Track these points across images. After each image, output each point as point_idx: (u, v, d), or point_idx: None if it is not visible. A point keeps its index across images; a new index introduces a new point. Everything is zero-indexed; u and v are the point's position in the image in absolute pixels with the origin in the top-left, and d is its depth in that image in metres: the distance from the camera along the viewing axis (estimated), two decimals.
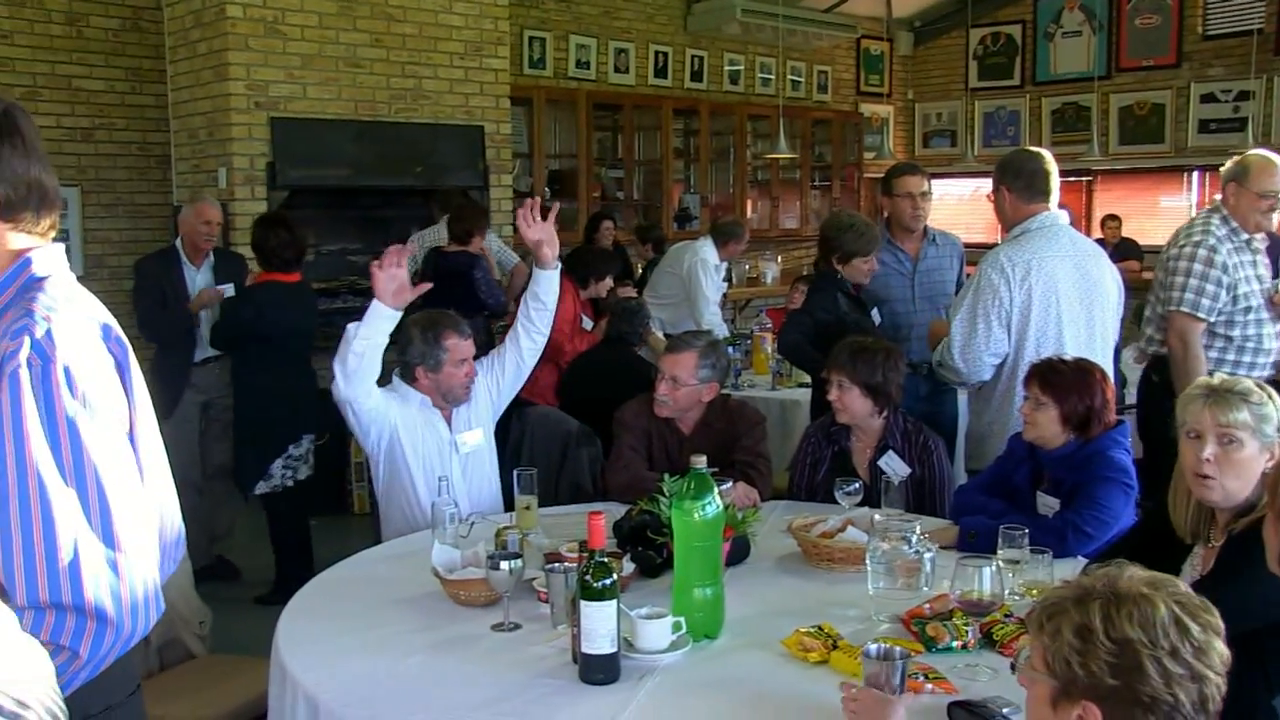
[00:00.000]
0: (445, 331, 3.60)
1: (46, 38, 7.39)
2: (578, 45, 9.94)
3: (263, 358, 5.16)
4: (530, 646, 2.49)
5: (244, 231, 6.54)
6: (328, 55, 7.07)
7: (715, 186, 11.18)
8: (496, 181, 7.96)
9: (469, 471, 3.68)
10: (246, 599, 5.22)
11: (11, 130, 1.67)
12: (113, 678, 1.72)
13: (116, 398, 1.67)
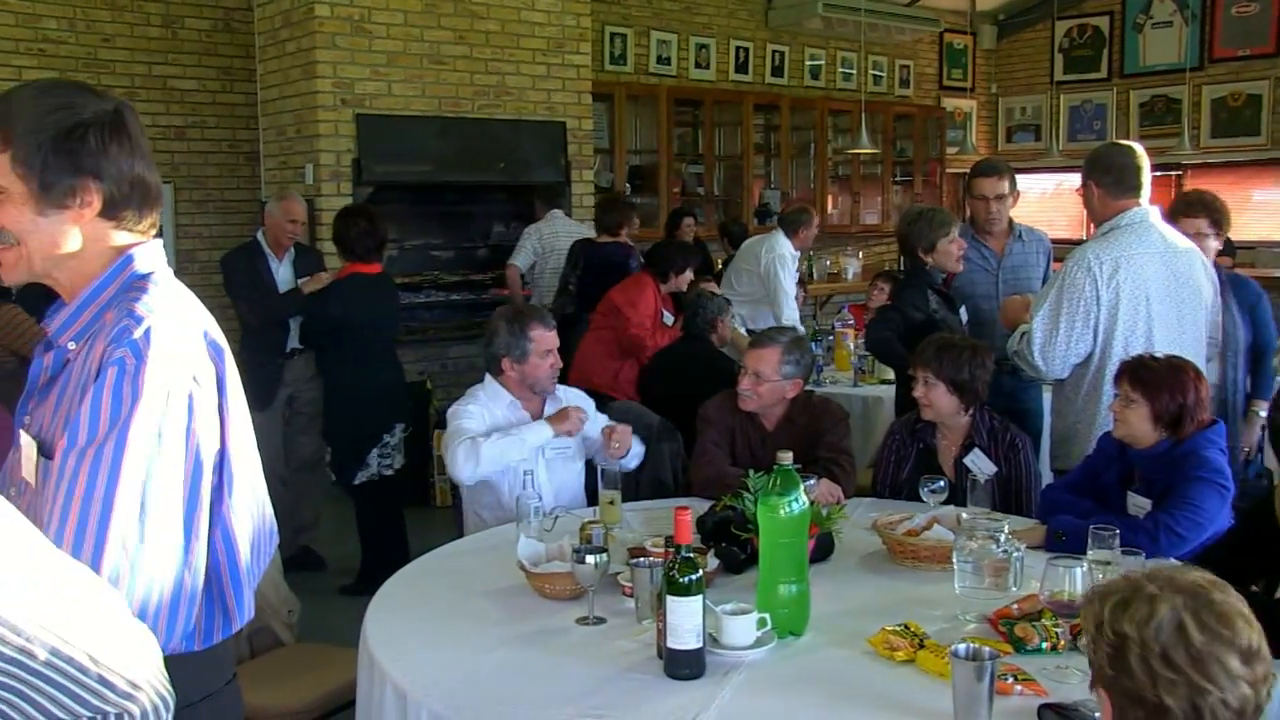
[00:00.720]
0: (531, 323, 3.66)
1: (145, 40, 7.59)
2: (659, 41, 9.94)
3: (351, 349, 5.24)
4: (615, 641, 2.50)
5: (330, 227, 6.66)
6: (412, 53, 7.16)
7: (796, 182, 11.12)
8: (578, 177, 7.99)
9: (555, 466, 3.71)
10: (331, 589, 5.31)
11: (119, 129, 1.71)
12: (211, 666, 1.76)
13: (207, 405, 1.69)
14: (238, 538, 1.74)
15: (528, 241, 7.20)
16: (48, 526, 1.54)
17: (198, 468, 1.66)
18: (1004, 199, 4.61)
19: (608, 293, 6.16)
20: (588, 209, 7.98)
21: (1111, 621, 1.53)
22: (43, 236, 1.68)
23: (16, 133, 1.64)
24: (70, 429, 1.58)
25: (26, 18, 7.21)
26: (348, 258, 5.31)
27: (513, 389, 3.73)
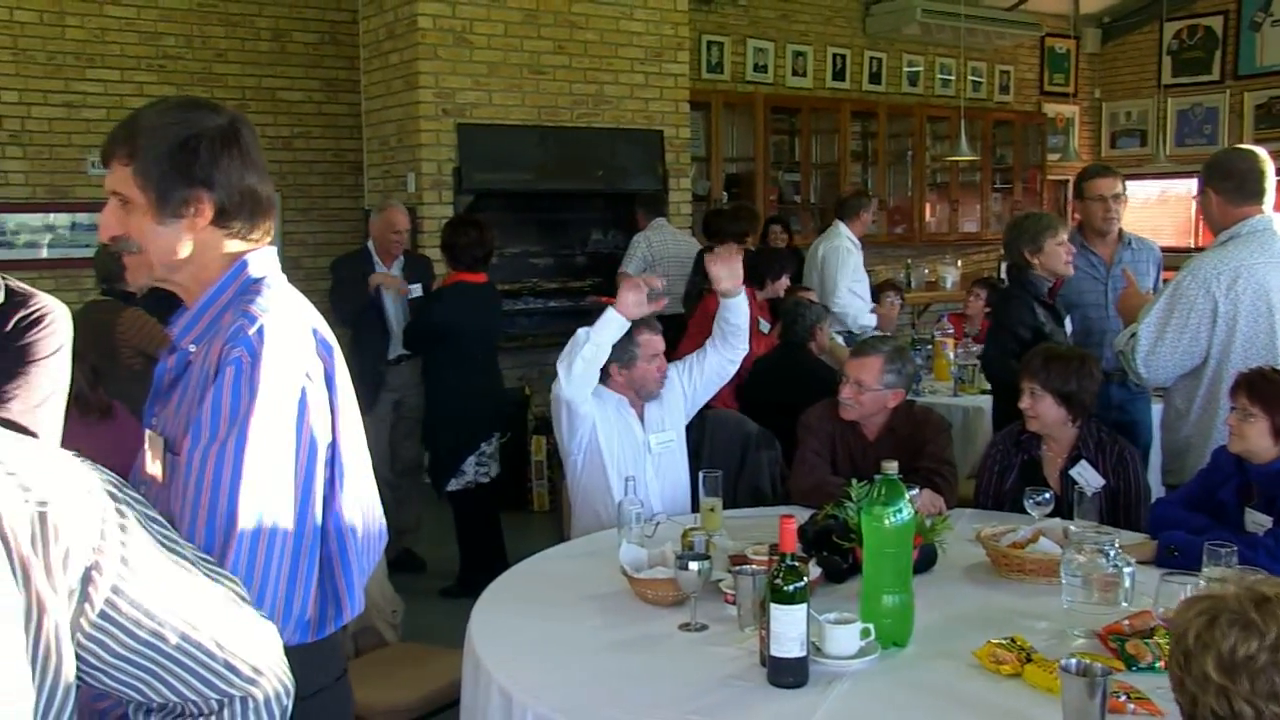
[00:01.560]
0: (639, 328, 3.68)
1: (255, 54, 7.82)
2: (755, 49, 9.94)
3: (453, 357, 5.33)
4: (717, 647, 2.51)
5: (432, 235, 6.78)
6: (512, 63, 7.26)
7: (893, 189, 11.02)
8: (675, 185, 8.02)
9: (661, 471, 3.74)
10: (431, 591, 5.39)
11: (231, 142, 1.78)
12: (323, 662, 1.82)
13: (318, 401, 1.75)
14: (349, 530, 1.80)
15: (637, 250, 7.22)
16: (179, 521, 1.61)
17: (311, 461, 1.72)
18: (1120, 199, 4.53)
19: (703, 300, 6.16)
20: (685, 217, 8.01)
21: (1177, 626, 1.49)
22: (161, 244, 1.76)
23: (139, 147, 1.73)
24: (194, 428, 1.65)
25: (148, 36, 7.47)
26: (454, 266, 5.40)
27: (620, 392, 3.76)
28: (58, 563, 1.09)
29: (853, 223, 7.17)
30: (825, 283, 6.96)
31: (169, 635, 1.18)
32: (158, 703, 1.23)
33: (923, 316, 10.43)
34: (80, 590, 1.12)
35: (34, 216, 7.22)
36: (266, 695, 1.27)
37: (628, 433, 3.72)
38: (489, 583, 3.03)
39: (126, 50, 7.45)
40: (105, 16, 7.39)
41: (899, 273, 10.77)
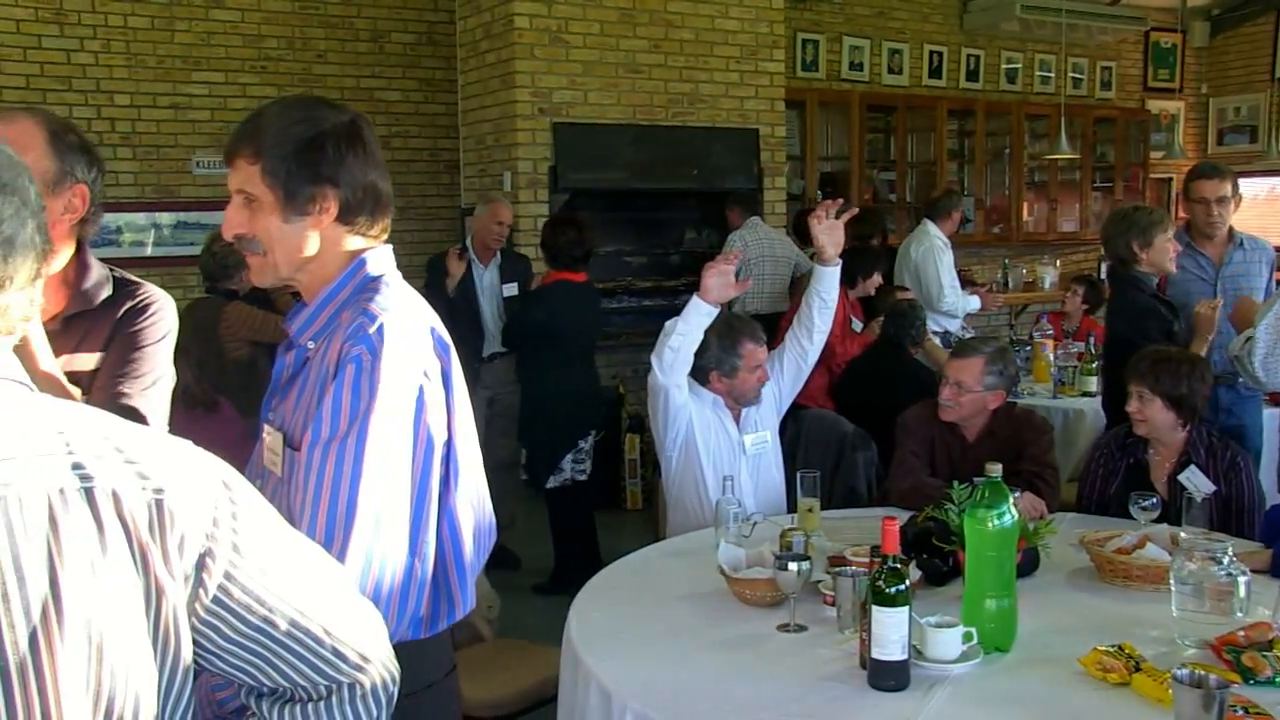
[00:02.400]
0: (742, 339, 3.66)
1: (354, 55, 7.96)
2: (851, 47, 9.85)
3: (551, 355, 5.36)
4: (816, 649, 2.49)
5: (527, 233, 6.85)
6: (608, 62, 7.28)
7: (990, 188, 10.83)
8: (770, 184, 7.98)
9: (756, 472, 3.73)
10: (525, 587, 5.44)
11: (355, 139, 1.81)
12: (433, 657, 1.84)
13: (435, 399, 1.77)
14: (462, 528, 1.82)
15: (732, 249, 7.17)
16: (299, 515, 1.64)
17: (427, 459, 1.74)
18: (1225, 202, 4.40)
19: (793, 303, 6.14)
20: (779, 216, 7.96)
21: None
22: (288, 242, 1.79)
23: (265, 145, 1.76)
24: (314, 424, 1.68)
25: (251, 38, 7.65)
26: (554, 265, 5.44)
27: (717, 392, 3.75)
28: (174, 549, 1.13)
29: (943, 222, 7.08)
30: (924, 284, 6.87)
31: (279, 621, 1.20)
32: (268, 687, 1.25)
33: (1020, 317, 10.24)
34: (195, 576, 1.15)
35: (141, 215, 7.43)
36: (374, 683, 1.29)
37: (723, 433, 3.71)
38: (583, 580, 3.04)
39: (231, 53, 7.63)
40: (211, 21, 7.57)
41: (995, 272, 10.59)
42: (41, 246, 1.18)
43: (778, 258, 7.20)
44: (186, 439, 1.23)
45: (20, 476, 1.06)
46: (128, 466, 1.12)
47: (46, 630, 1.04)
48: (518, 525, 6.11)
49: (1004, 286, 10.39)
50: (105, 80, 7.28)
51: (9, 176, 1.14)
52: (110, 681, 1.08)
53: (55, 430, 1.11)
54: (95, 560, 1.08)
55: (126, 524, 1.10)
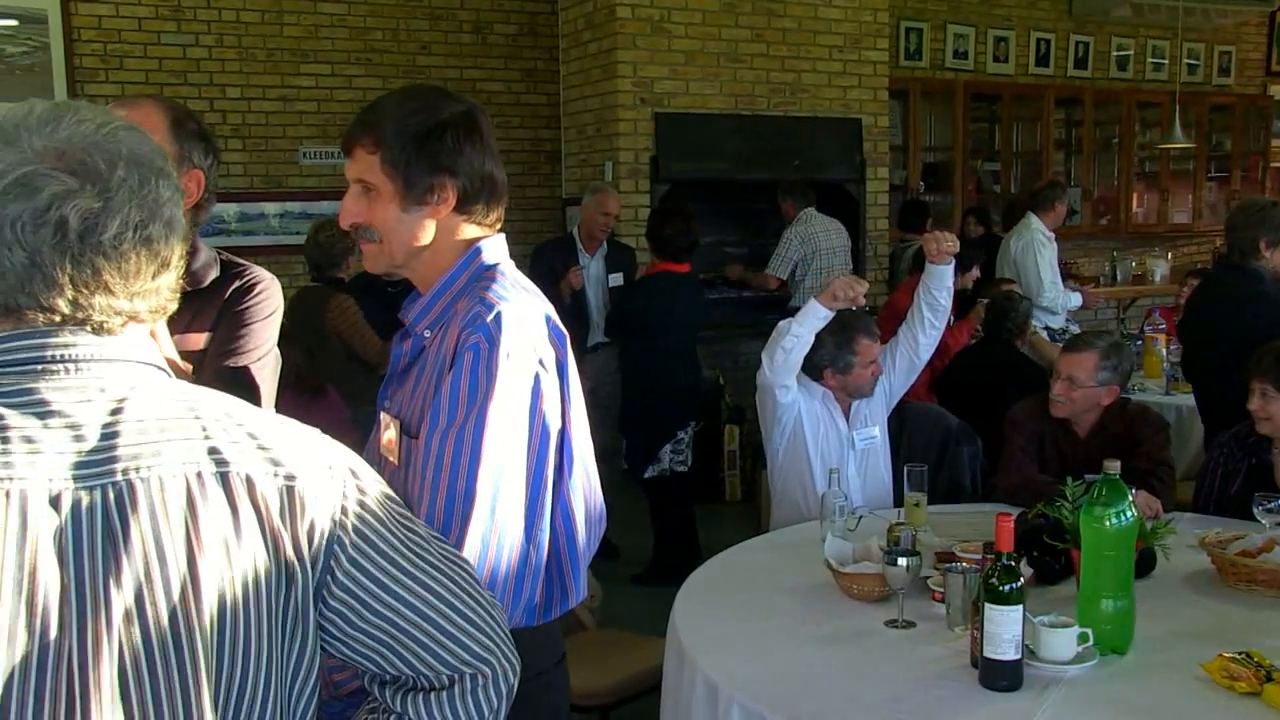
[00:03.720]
0: (858, 335, 3.64)
1: (457, 46, 8.03)
2: (955, 35, 9.66)
3: (654, 345, 5.36)
4: (925, 646, 2.45)
5: (628, 223, 6.85)
6: (710, 51, 7.25)
7: (1098, 179, 10.55)
8: (873, 175, 7.88)
9: (863, 467, 3.68)
10: (623, 577, 5.44)
11: (472, 128, 1.81)
12: (546, 645, 1.84)
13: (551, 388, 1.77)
14: (576, 516, 1.82)
15: (788, 248, 7.05)
16: (418, 502, 1.65)
17: (543, 447, 1.75)
18: None
19: (891, 297, 6.07)
20: (882, 207, 7.86)
21: None
22: (405, 231, 1.79)
23: (385, 135, 1.76)
24: (432, 411, 1.69)
25: (357, 31, 7.76)
26: (659, 255, 5.43)
27: (828, 387, 3.72)
28: (304, 535, 1.14)
29: (1045, 214, 6.91)
30: (1025, 279, 6.72)
31: (404, 610, 1.21)
32: (391, 674, 1.26)
33: (1129, 311, 9.98)
34: (323, 563, 1.16)
35: (249, 205, 7.58)
36: (495, 673, 1.29)
37: (832, 427, 3.68)
38: (681, 571, 3.03)
39: (337, 45, 7.75)
40: (319, 14, 7.70)
41: (1103, 265, 10.32)
42: (187, 229, 1.20)
43: (835, 249, 7.10)
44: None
45: (160, 460, 1.08)
46: (260, 452, 1.13)
47: (185, 612, 1.07)
48: (616, 515, 6.12)
49: (1112, 280, 10.12)
50: (218, 74, 7.45)
51: (162, 161, 1.17)
52: (243, 665, 1.10)
53: (192, 415, 1.13)
54: (230, 543, 1.09)
55: (259, 509, 1.11)
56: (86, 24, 7.05)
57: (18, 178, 1.07)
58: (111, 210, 1.10)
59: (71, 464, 1.06)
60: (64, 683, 1.02)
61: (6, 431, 1.05)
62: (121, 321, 1.14)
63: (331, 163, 7.75)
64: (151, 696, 1.06)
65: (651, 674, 3.20)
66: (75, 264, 1.09)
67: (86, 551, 1.04)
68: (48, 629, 1.02)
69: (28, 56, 6.92)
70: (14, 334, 1.11)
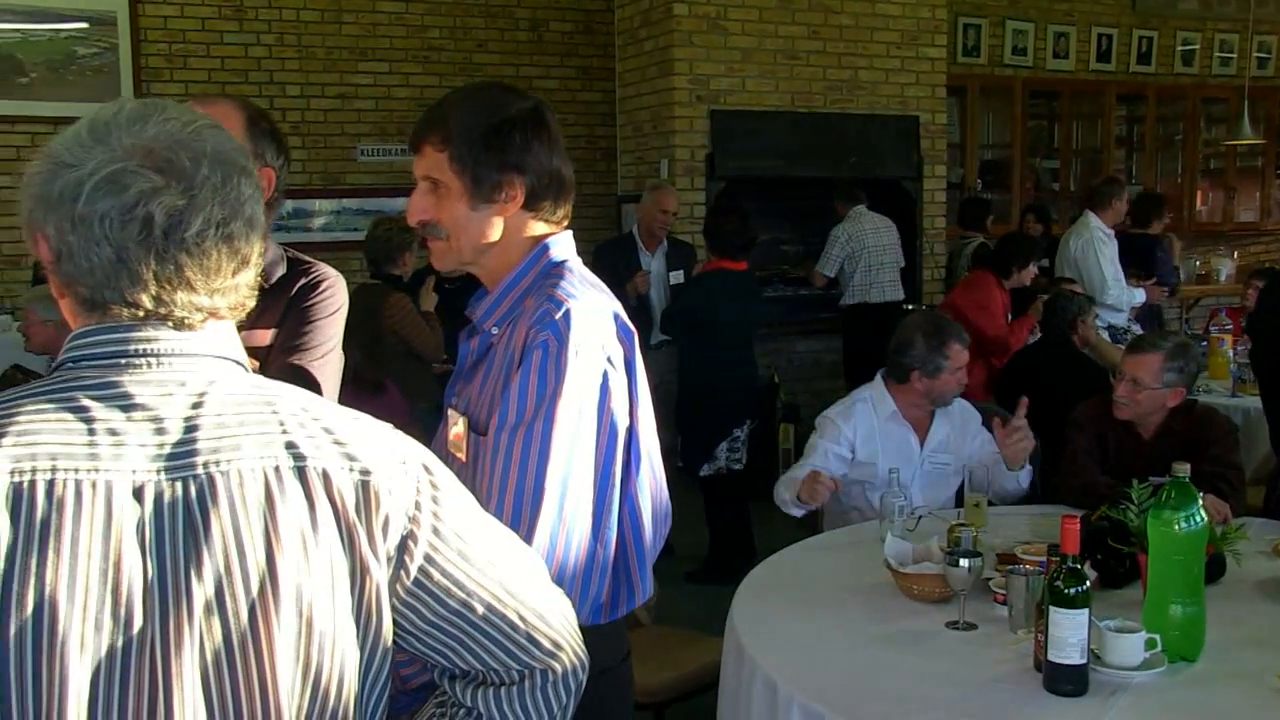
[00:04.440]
0: (950, 340, 3.57)
1: (513, 43, 8.07)
2: (1014, 31, 9.55)
3: (709, 342, 5.36)
4: (987, 649, 2.42)
5: (684, 221, 6.85)
6: (766, 49, 7.23)
7: (1160, 176, 10.39)
8: (930, 173, 7.82)
9: (930, 479, 3.61)
10: (677, 575, 5.43)
11: (540, 125, 1.81)
12: (612, 642, 1.84)
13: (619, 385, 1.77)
14: (643, 514, 1.82)
15: (835, 247, 7.06)
16: (486, 499, 1.65)
17: (611, 445, 1.75)
18: None
19: (949, 296, 6.03)
20: (939, 205, 7.80)
21: None
22: (473, 229, 1.79)
23: (453, 133, 1.76)
24: (501, 409, 1.69)
25: (415, 29, 7.83)
26: (716, 253, 5.43)
27: (905, 398, 3.64)
28: (379, 530, 1.15)
29: (1104, 212, 6.81)
30: (1086, 278, 6.63)
31: (476, 606, 1.21)
32: (462, 669, 1.26)
33: (1193, 310, 9.82)
34: (397, 558, 1.17)
35: (306, 202, 7.67)
36: (565, 670, 1.29)
37: (901, 444, 3.62)
38: (736, 569, 3.02)
39: (395, 43, 7.83)
40: (377, 12, 7.77)
41: None
42: (266, 228, 1.21)
43: (884, 246, 7.08)
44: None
45: (239, 454, 1.10)
46: (336, 447, 1.14)
47: (264, 604, 1.08)
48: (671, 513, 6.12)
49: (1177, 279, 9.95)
50: (278, 72, 7.54)
51: (244, 160, 1.18)
52: (318, 656, 1.11)
53: (270, 410, 1.14)
54: (307, 537, 1.11)
55: (335, 503, 1.12)
56: (153, 25, 7.17)
57: (107, 175, 1.09)
58: (195, 207, 1.12)
59: (154, 457, 1.07)
60: (147, 672, 1.04)
61: (93, 424, 1.07)
62: (202, 318, 1.15)
63: (389, 160, 7.83)
64: (230, 687, 1.07)
65: (707, 672, 3.20)
66: (159, 260, 1.11)
67: (169, 544, 1.06)
68: (132, 619, 1.04)
69: (97, 58, 7.05)
70: (99, 328, 1.13)
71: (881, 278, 7.05)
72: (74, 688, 1.02)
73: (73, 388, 1.09)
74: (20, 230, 1.17)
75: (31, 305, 4.60)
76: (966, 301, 5.88)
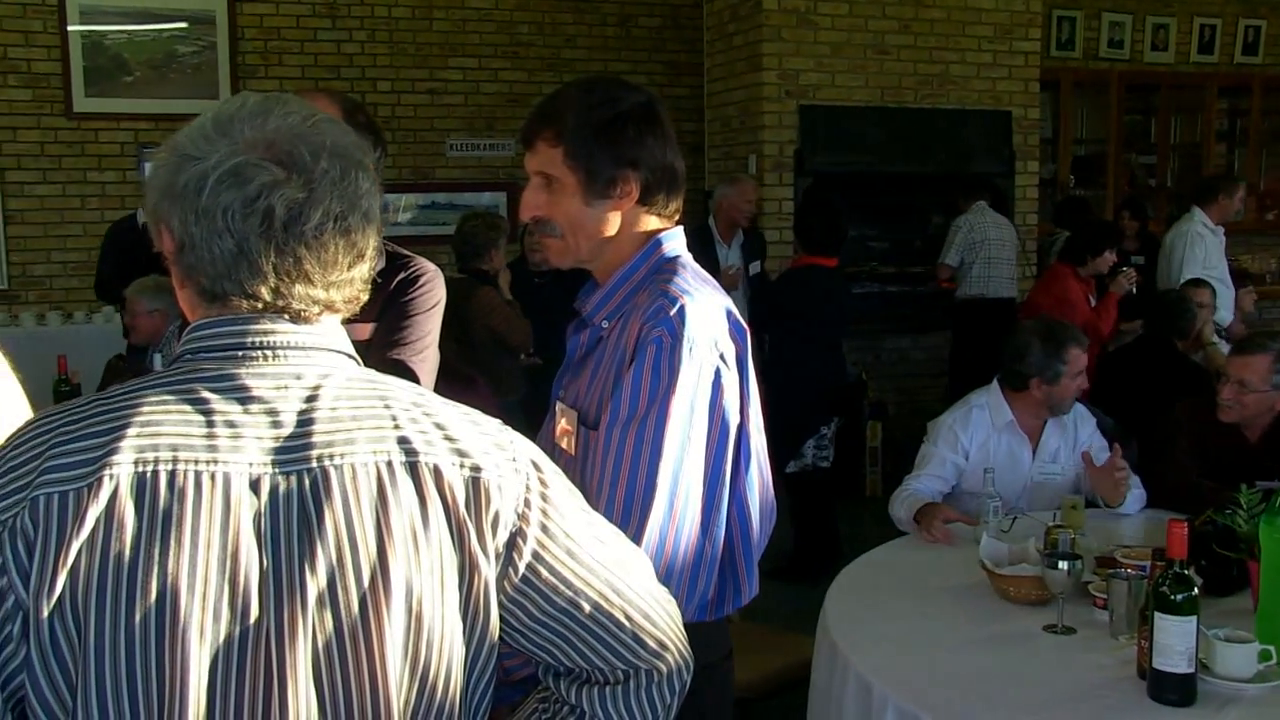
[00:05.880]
0: (1069, 345, 3.46)
1: (601, 39, 8.09)
2: (1111, 23, 9.32)
3: (798, 339, 5.32)
4: (1087, 654, 2.38)
5: (771, 216, 6.81)
6: (856, 43, 7.15)
7: (1265, 172, 10.07)
8: (1022, 169, 7.67)
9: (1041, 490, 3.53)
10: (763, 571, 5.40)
11: (653, 120, 1.80)
12: (716, 640, 1.83)
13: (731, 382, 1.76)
14: (751, 512, 1.81)
15: (957, 236, 7.01)
16: (596, 494, 1.65)
17: (722, 442, 1.74)
18: None
19: (1029, 295, 5.94)
20: (1031, 201, 7.66)
21: None
22: (588, 224, 1.79)
23: (567, 128, 1.76)
24: (613, 403, 1.69)
25: (504, 25, 7.88)
26: (806, 249, 5.39)
27: (1021, 406, 3.54)
28: (488, 526, 1.15)
29: (1210, 208, 6.64)
30: (1170, 270, 6.49)
31: (583, 604, 1.21)
32: (566, 667, 1.26)
33: None
34: (505, 554, 1.17)
35: (394, 196, 7.76)
36: (670, 670, 1.28)
37: (1012, 459, 3.52)
38: (821, 567, 3.00)
39: (484, 39, 7.88)
40: (467, 8, 7.83)
41: (1269, 262, 9.86)
42: (381, 223, 1.22)
43: (1003, 241, 7.00)
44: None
45: (353, 449, 1.11)
46: (447, 443, 1.15)
47: (374, 597, 1.09)
48: None
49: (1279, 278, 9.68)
50: (369, 68, 7.64)
51: (361, 154, 1.19)
52: (426, 651, 1.12)
53: (383, 404, 1.15)
54: (418, 532, 1.11)
55: (446, 499, 1.13)
56: (250, 23, 7.31)
57: (231, 168, 1.11)
58: (314, 200, 1.13)
59: (269, 449, 1.09)
60: (262, 661, 1.06)
61: (211, 416, 1.09)
62: (318, 310, 1.17)
63: (477, 154, 7.89)
64: (341, 679, 1.08)
65: (792, 670, 3.18)
66: (279, 252, 1.12)
67: (284, 536, 1.07)
68: (249, 609, 1.05)
69: (196, 56, 7.22)
70: (218, 319, 1.15)
71: (1000, 272, 6.96)
72: (194, 675, 1.04)
73: (192, 380, 1.11)
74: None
75: (137, 296, 4.73)
76: (1046, 299, 5.79)
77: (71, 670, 1.03)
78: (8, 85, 6.90)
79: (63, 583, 1.02)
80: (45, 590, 1.02)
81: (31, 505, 1.03)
